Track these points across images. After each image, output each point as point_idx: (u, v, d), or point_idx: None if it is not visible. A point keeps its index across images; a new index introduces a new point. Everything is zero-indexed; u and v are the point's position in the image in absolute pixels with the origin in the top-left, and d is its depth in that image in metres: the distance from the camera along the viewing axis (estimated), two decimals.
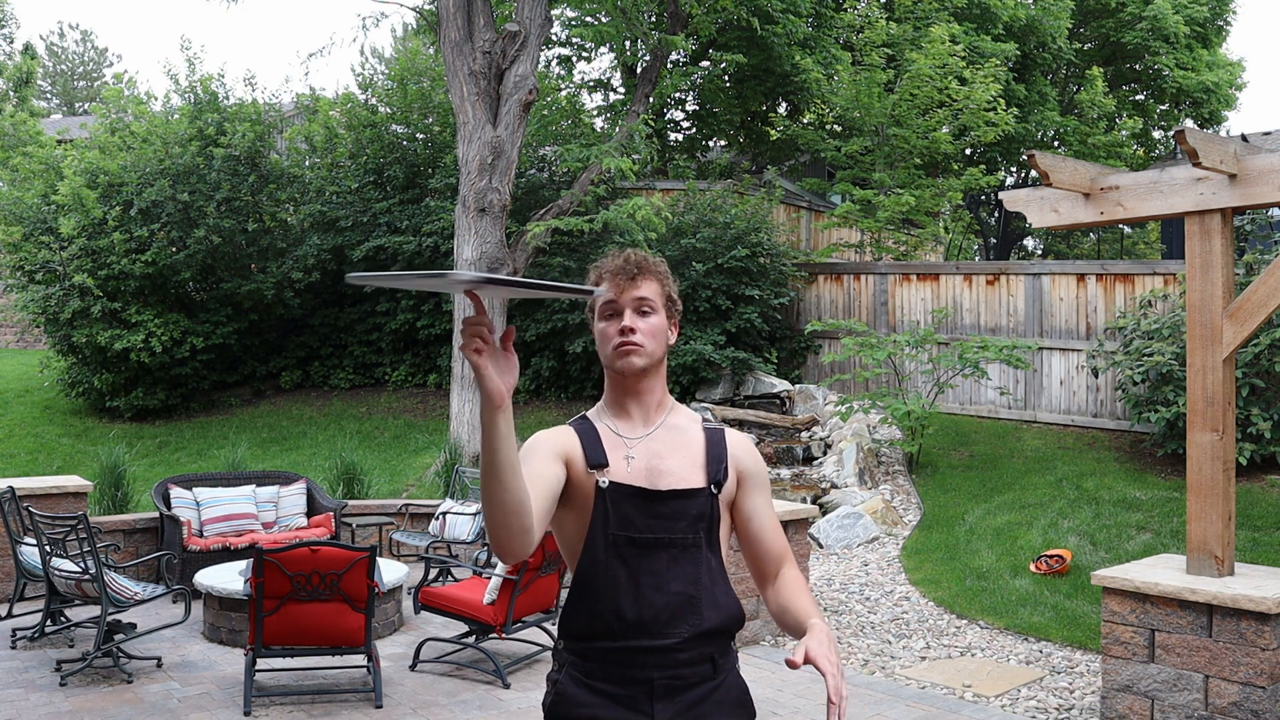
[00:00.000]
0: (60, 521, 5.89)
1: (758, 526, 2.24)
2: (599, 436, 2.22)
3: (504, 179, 11.19)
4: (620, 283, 2.22)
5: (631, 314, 2.20)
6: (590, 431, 2.24)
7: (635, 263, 2.24)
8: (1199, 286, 4.91)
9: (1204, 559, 4.84)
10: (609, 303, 2.22)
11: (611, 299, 2.22)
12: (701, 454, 2.22)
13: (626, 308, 2.20)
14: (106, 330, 12.89)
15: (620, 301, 2.21)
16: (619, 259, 2.25)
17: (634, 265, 2.23)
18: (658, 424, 2.24)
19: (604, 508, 2.14)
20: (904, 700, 5.43)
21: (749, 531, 2.24)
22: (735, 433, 2.32)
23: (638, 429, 2.23)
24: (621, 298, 2.21)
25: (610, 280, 2.23)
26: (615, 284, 2.22)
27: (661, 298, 2.24)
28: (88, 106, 37.68)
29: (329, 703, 5.36)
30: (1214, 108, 20.83)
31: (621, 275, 2.22)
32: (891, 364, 11.26)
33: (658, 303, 2.22)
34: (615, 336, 2.19)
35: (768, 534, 2.24)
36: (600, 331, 2.23)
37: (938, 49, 13.66)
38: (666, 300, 2.25)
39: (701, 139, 18.66)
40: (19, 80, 33.13)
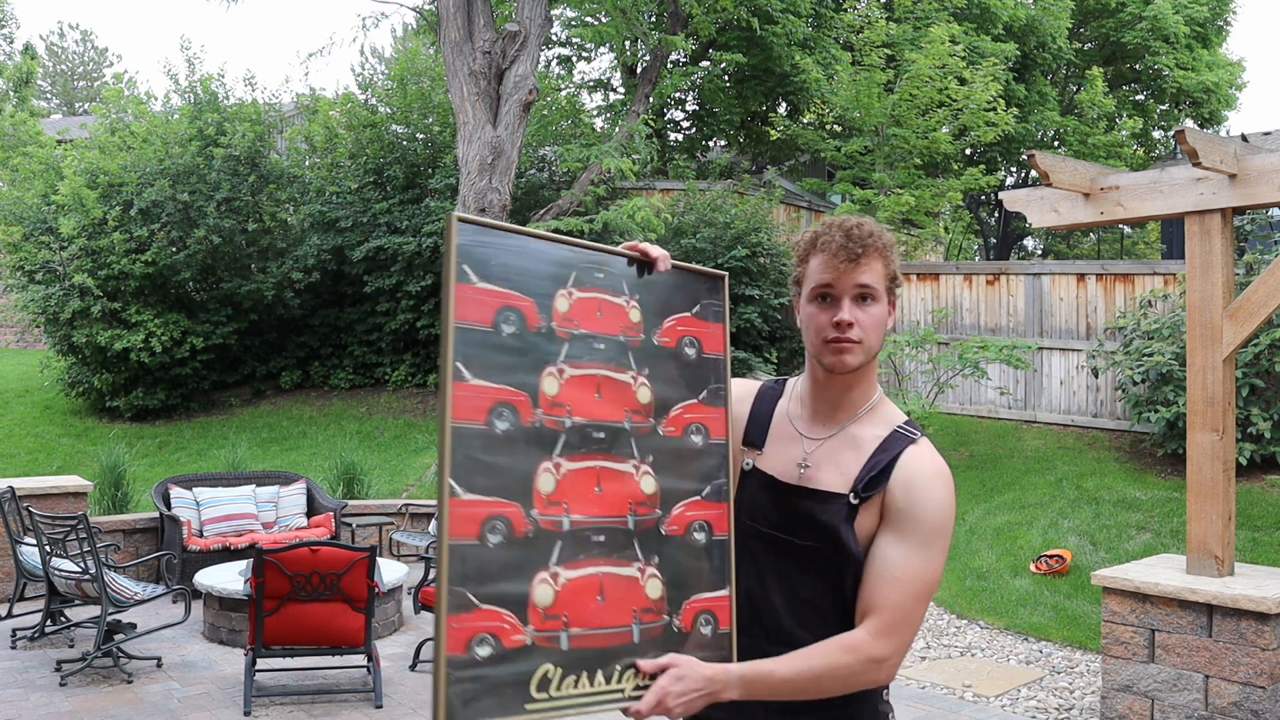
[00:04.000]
0: (60, 521, 5.89)
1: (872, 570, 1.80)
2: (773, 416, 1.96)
3: (504, 179, 11.19)
4: (839, 265, 1.82)
5: (851, 304, 1.82)
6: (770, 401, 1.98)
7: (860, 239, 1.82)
8: (1199, 286, 4.91)
9: (1204, 559, 4.84)
10: (825, 285, 1.84)
11: (828, 282, 1.83)
12: (861, 465, 1.84)
13: (845, 296, 1.82)
14: (106, 330, 12.89)
15: (838, 287, 1.83)
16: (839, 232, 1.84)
17: (858, 242, 1.82)
18: (837, 430, 1.90)
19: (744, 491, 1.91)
20: (904, 700, 5.43)
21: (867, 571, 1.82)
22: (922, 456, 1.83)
23: (815, 429, 1.91)
24: (840, 282, 1.82)
25: (828, 259, 1.83)
26: (833, 265, 1.83)
27: (885, 280, 1.85)
28: (88, 106, 37.68)
29: (329, 703, 5.36)
30: (1214, 108, 20.83)
31: (843, 255, 1.81)
32: (891, 364, 11.26)
33: (881, 288, 1.84)
34: (829, 328, 1.83)
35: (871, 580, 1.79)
36: (809, 315, 1.86)
37: (937, 49, 13.65)
38: (890, 281, 1.86)
39: (701, 139, 18.66)
40: (19, 80, 33.12)
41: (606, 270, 1.76)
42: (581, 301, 1.72)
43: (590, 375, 1.71)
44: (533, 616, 1.59)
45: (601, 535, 1.67)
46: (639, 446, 1.74)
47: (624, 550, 1.69)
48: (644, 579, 1.71)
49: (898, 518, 1.79)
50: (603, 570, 1.66)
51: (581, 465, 1.67)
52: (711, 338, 1.86)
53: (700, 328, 1.86)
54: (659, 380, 1.78)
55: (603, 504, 1.68)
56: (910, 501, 1.79)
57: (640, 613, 1.69)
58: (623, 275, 1.79)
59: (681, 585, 1.74)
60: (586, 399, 1.69)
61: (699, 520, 1.78)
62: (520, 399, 1.63)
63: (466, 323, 1.60)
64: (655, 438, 1.76)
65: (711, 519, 1.79)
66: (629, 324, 1.77)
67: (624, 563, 1.69)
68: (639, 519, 1.72)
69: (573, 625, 1.62)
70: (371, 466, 10.42)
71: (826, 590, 1.84)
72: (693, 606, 1.75)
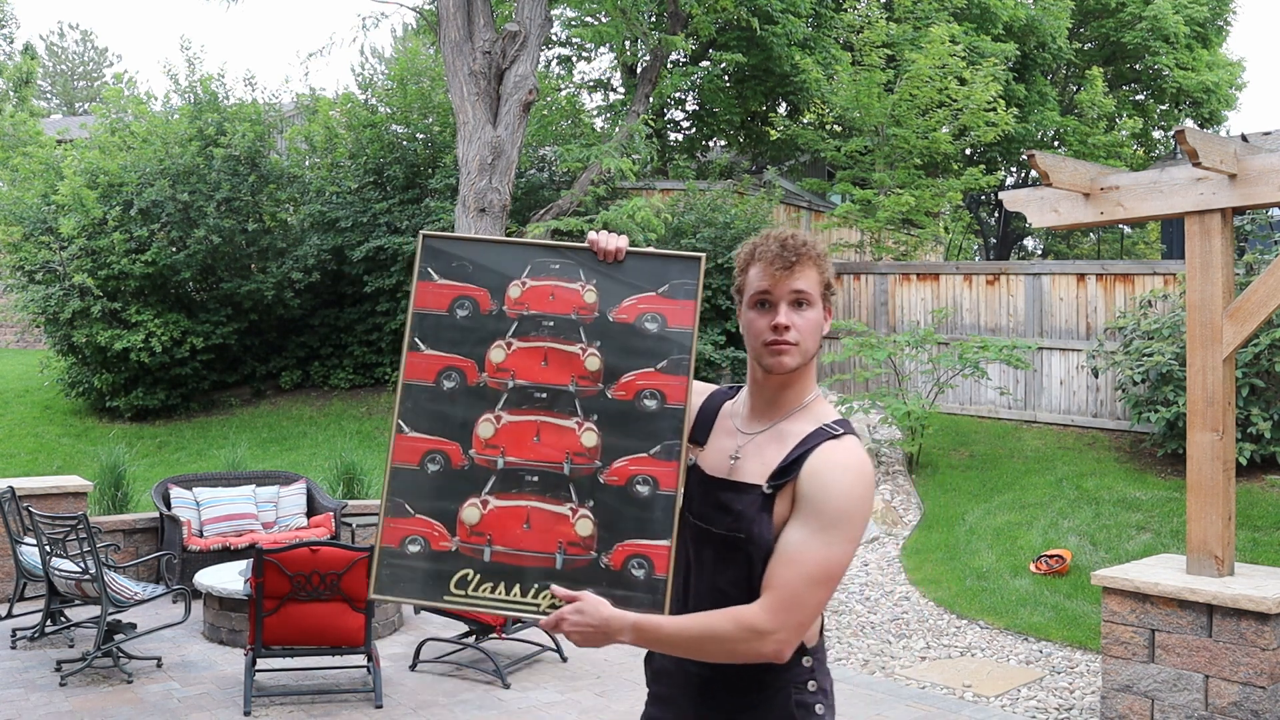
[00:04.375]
0: (60, 521, 5.89)
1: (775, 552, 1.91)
2: (718, 415, 2.11)
3: (504, 179, 11.19)
4: (776, 272, 1.96)
5: (787, 309, 1.96)
6: (717, 404, 2.13)
7: (794, 248, 1.97)
8: (1199, 286, 4.91)
9: (1204, 559, 4.84)
10: (762, 292, 1.97)
11: (766, 289, 1.97)
12: (780, 457, 1.96)
13: (782, 301, 1.96)
14: (106, 330, 12.89)
15: (776, 293, 1.96)
16: (775, 242, 1.98)
17: (793, 251, 1.96)
18: (769, 426, 2.02)
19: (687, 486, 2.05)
20: (904, 700, 5.43)
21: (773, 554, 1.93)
22: (837, 448, 1.93)
23: (750, 425, 2.05)
24: (777, 289, 1.96)
25: (765, 268, 1.97)
26: (770, 273, 1.96)
27: (820, 286, 1.99)
28: (88, 106, 37.69)
29: (329, 703, 5.36)
30: (1214, 108, 20.83)
31: (779, 263, 1.96)
32: (891, 364, 11.25)
33: (815, 294, 1.98)
34: (767, 332, 1.96)
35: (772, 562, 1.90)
36: (749, 321, 2.00)
37: (937, 49, 13.65)
38: (824, 288, 2.00)
39: (701, 139, 18.66)
40: (19, 80, 33.13)
41: (563, 262, 2.06)
42: (534, 289, 2.05)
43: (537, 348, 2.03)
44: (460, 530, 1.97)
45: (535, 476, 1.99)
46: (583, 407, 2.01)
47: (557, 491, 1.98)
48: (574, 518, 1.98)
49: (802, 504, 1.90)
50: (532, 504, 1.98)
51: (522, 419, 2.01)
52: (678, 313, 2.05)
53: (665, 304, 2.05)
54: (611, 351, 2.03)
55: (539, 451, 1.99)
56: (814, 488, 1.89)
57: (566, 545, 1.96)
58: (581, 264, 2.07)
59: (614, 529, 1.97)
60: (532, 366, 2.02)
61: (643, 475, 1.98)
62: (468, 364, 2.02)
63: (424, 309, 2.04)
64: (602, 400, 2.01)
65: (658, 475, 1.99)
66: (582, 305, 2.05)
67: (556, 502, 1.98)
68: (575, 467, 1.99)
69: (496, 543, 1.96)
70: (371, 466, 10.41)
71: (738, 579, 1.95)
72: (625, 549, 1.96)
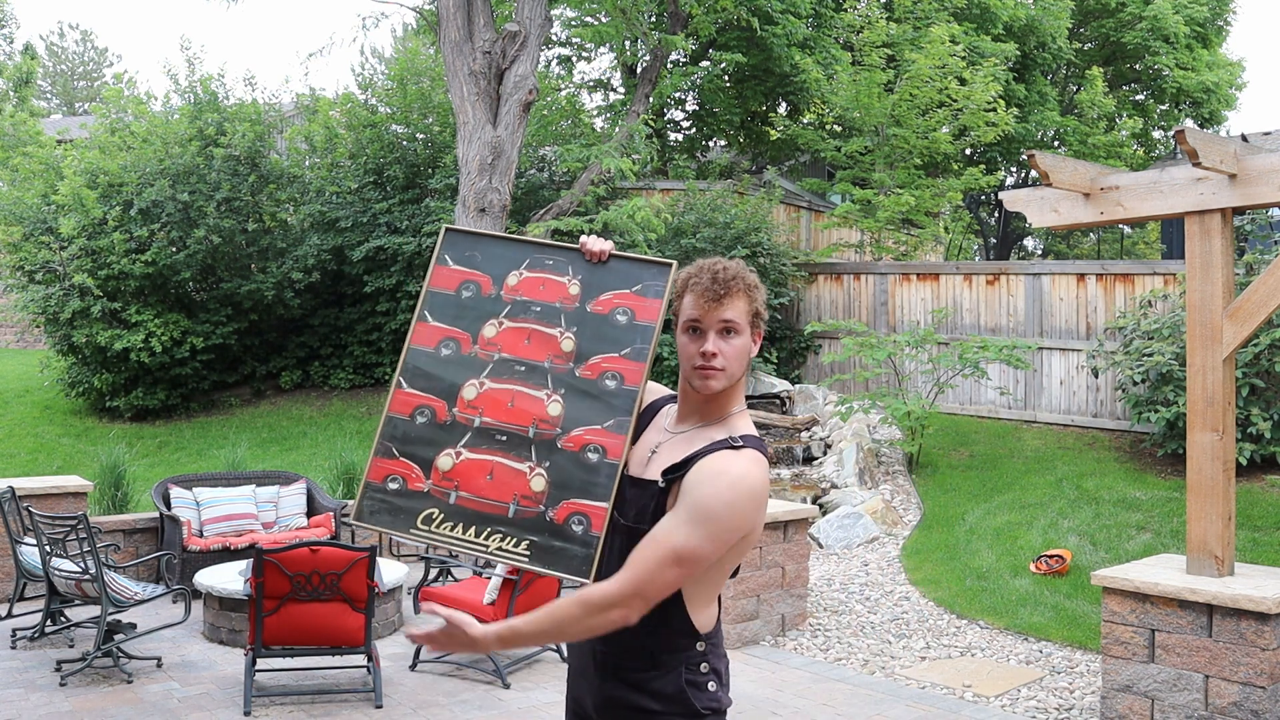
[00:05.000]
0: (60, 521, 5.89)
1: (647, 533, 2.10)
2: (655, 416, 2.32)
3: (504, 179, 11.18)
4: (706, 303, 2.14)
5: (715, 337, 2.14)
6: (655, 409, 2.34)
7: (724, 281, 2.14)
8: (1199, 286, 4.91)
9: (1204, 559, 4.84)
10: (694, 320, 2.16)
11: (696, 317, 2.15)
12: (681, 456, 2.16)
13: (711, 329, 2.14)
14: (106, 330, 12.89)
15: (705, 322, 2.14)
16: (707, 274, 2.15)
17: (722, 284, 2.13)
18: (693, 428, 2.21)
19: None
20: (904, 700, 5.43)
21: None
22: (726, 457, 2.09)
23: (675, 426, 2.25)
24: (706, 318, 2.14)
25: (696, 298, 2.15)
26: (701, 303, 2.14)
27: (748, 316, 2.16)
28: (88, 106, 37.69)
29: (329, 703, 5.36)
30: (1214, 108, 20.83)
31: (709, 295, 2.13)
32: (891, 364, 11.25)
33: (743, 323, 2.15)
34: (696, 357, 2.14)
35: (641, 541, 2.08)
36: (682, 345, 2.18)
37: (937, 49, 13.65)
38: (753, 317, 2.18)
39: (701, 139, 18.66)
40: (19, 80, 33.13)
41: (557, 259, 2.40)
42: (529, 279, 2.40)
43: (523, 328, 2.37)
44: (433, 475, 2.30)
45: (504, 436, 2.30)
46: (554, 381, 2.33)
47: (520, 450, 2.29)
48: (531, 475, 2.27)
49: (682, 495, 2.09)
50: (497, 459, 2.29)
51: (501, 386, 2.33)
52: (646, 309, 2.34)
53: (636, 301, 2.35)
54: (585, 337, 2.34)
55: (511, 415, 2.31)
56: (691, 485, 2.07)
57: (520, 498, 2.26)
58: (571, 262, 2.40)
59: (563, 488, 2.25)
60: (517, 342, 2.36)
61: (595, 444, 2.27)
62: (464, 336, 2.38)
63: (436, 288, 2.43)
64: (571, 377, 2.32)
65: (607, 445, 2.26)
66: (566, 295, 2.37)
67: (518, 459, 2.28)
68: (539, 432, 2.29)
69: (462, 489, 2.28)
70: None
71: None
72: (569, 507, 2.24)
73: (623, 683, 2.19)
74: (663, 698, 2.16)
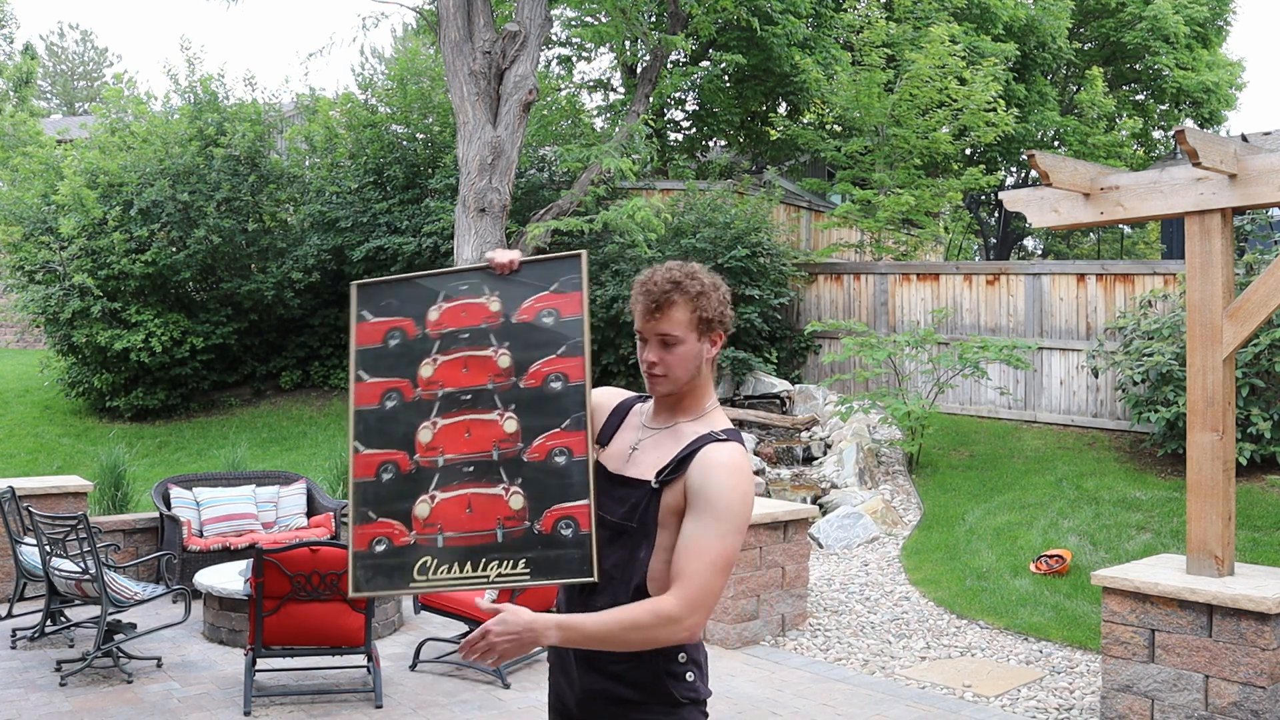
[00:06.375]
0: (60, 521, 5.89)
1: (678, 546, 2.15)
2: (626, 416, 2.38)
3: (504, 179, 11.18)
4: (644, 316, 2.22)
5: (656, 347, 2.22)
6: (625, 409, 2.40)
7: (658, 295, 2.19)
8: (1199, 286, 4.91)
9: (1204, 559, 4.84)
10: (638, 331, 2.25)
11: (638, 329, 2.25)
12: (671, 455, 2.21)
13: (650, 340, 2.23)
14: (106, 330, 12.89)
15: (645, 334, 2.23)
16: (644, 286, 2.22)
17: (657, 298, 2.19)
18: (669, 425, 2.28)
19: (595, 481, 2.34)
20: (904, 700, 5.43)
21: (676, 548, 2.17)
22: (721, 449, 2.18)
23: (653, 422, 2.32)
24: (645, 330, 2.23)
25: (636, 312, 2.24)
26: (639, 317, 2.23)
27: (689, 325, 2.20)
28: (88, 106, 37.68)
29: (329, 703, 5.36)
30: (1214, 108, 20.83)
31: (644, 310, 2.22)
32: (891, 364, 11.25)
33: (683, 332, 2.20)
34: (643, 363, 2.25)
35: (677, 554, 2.14)
36: (637, 349, 2.28)
37: (937, 49, 13.65)
38: (697, 324, 2.21)
39: (701, 139, 18.65)
40: (19, 80, 33.14)
41: (470, 282, 2.39)
42: (449, 309, 2.39)
43: (458, 358, 2.36)
44: (415, 525, 2.27)
45: (470, 467, 2.30)
46: (501, 399, 2.33)
47: (490, 476, 2.29)
48: (508, 495, 2.28)
49: (694, 499, 2.14)
50: (471, 491, 2.28)
51: (453, 420, 2.33)
52: (569, 304, 2.36)
53: (558, 299, 2.36)
54: (518, 348, 2.35)
55: (471, 444, 2.31)
56: (703, 485, 2.13)
57: (504, 520, 2.26)
58: (484, 281, 2.39)
59: (542, 498, 2.26)
60: (455, 374, 2.35)
61: (559, 447, 2.29)
62: (403, 384, 2.36)
63: (364, 346, 2.40)
64: (516, 390, 2.33)
65: (571, 444, 2.29)
66: (489, 314, 2.37)
67: (490, 485, 2.29)
68: (503, 452, 2.30)
69: (446, 530, 2.26)
70: None
71: (621, 562, 2.21)
72: (553, 514, 2.25)
73: (601, 674, 2.21)
74: (640, 688, 2.19)
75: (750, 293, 12.42)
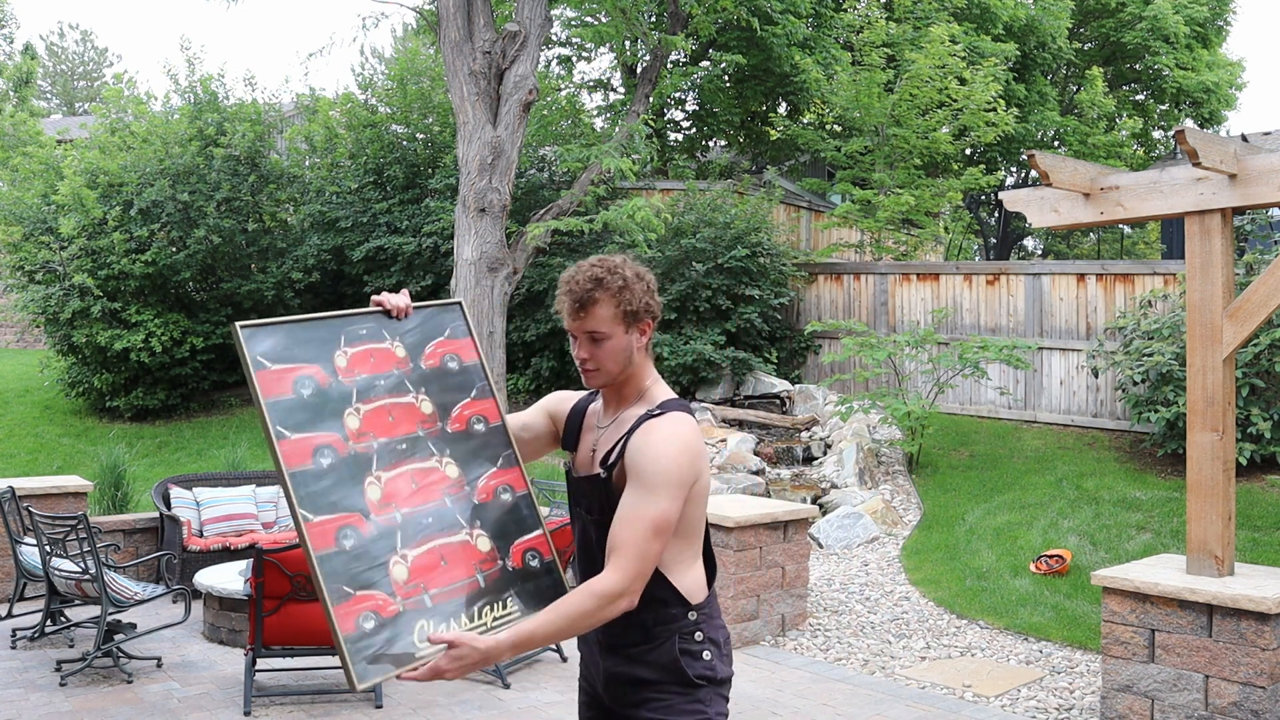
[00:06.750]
0: (60, 521, 5.89)
1: (614, 518, 2.20)
2: (583, 419, 2.45)
3: (504, 179, 11.19)
4: (568, 316, 2.28)
5: (586, 343, 2.28)
6: (580, 412, 2.47)
7: (581, 295, 2.25)
8: (1199, 286, 4.91)
9: (1204, 559, 4.84)
10: (567, 329, 2.31)
11: (567, 328, 2.31)
12: (614, 443, 2.30)
13: (579, 338, 2.29)
14: (106, 330, 12.89)
15: (573, 331, 2.30)
16: (567, 286, 2.27)
17: (580, 297, 2.25)
18: (616, 417, 2.36)
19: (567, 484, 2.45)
20: (904, 700, 5.43)
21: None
22: (652, 424, 2.24)
23: (604, 419, 2.40)
24: (572, 329, 2.29)
25: (562, 309, 2.29)
26: (566, 315, 2.29)
27: (615, 320, 2.26)
28: (88, 106, 37.68)
29: (329, 703, 5.36)
30: (1214, 108, 20.83)
31: (567, 310, 2.28)
32: (891, 364, 11.25)
33: (609, 328, 2.26)
34: (576, 357, 2.31)
35: (612, 525, 2.19)
36: (570, 341, 2.35)
37: (937, 49, 13.65)
38: (623, 317, 2.26)
39: (701, 139, 18.65)
40: (19, 80, 33.14)
41: (368, 326, 2.31)
42: (356, 355, 2.27)
43: (381, 406, 2.26)
44: (397, 590, 2.12)
45: (430, 518, 2.22)
46: (435, 446, 2.29)
47: (449, 523, 2.24)
48: (474, 539, 2.26)
49: (630, 473, 2.20)
50: (438, 543, 2.20)
51: (396, 472, 2.21)
52: (465, 349, 2.40)
53: (455, 345, 2.38)
54: (435, 392, 2.33)
55: (422, 495, 2.23)
56: (635, 458, 2.19)
57: (479, 564, 2.24)
58: (382, 326, 2.33)
59: (503, 536, 2.29)
60: (383, 424, 2.24)
61: (501, 485, 2.33)
62: (333, 438, 2.16)
63: (272, 397, 2.13)
64: (446, 436, 2.31)
65: (510, 481, 2.35)
66: (398, 360, 2.31)
67: (454, 533, 2.24)
68: (453, 498, 2.27)
69: (430, 588, 2.15)
70: None
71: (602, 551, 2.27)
72: (518, 548, 2.29)
73: (621, 657, 2.29)
74: (658, 667, 2.26)
75: (750, 293, 12.42)
